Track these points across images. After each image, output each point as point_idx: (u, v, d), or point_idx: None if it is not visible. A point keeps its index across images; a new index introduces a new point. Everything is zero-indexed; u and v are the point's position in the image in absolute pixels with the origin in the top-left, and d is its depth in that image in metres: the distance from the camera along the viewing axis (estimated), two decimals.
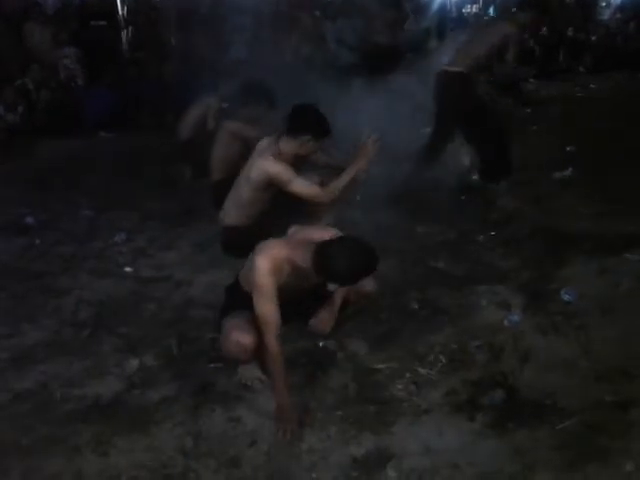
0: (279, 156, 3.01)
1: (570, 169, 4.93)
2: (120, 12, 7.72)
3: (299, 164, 3.14)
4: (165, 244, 3.98)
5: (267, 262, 2.28)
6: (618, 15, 10.31)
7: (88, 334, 2.98)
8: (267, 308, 2.27)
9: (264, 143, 3.15)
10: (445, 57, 4.60)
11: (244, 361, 2.48)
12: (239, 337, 2.37)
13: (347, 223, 4.04)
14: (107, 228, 4.23)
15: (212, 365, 2.69)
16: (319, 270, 2.24)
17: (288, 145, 2.95)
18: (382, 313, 3.07)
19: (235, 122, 4.04)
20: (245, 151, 3.88)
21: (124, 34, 7.63)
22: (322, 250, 2.23)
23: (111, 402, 2.50)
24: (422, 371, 2.61)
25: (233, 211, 3.33)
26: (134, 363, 2.73)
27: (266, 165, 3.01)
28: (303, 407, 2.40)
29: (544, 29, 9.25)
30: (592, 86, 8.07)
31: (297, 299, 2.50)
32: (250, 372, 2.55)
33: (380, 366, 2.65)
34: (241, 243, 2.87)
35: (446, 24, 8.67)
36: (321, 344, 2.80)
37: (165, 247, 3.94)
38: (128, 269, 3.66)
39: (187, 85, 5.27)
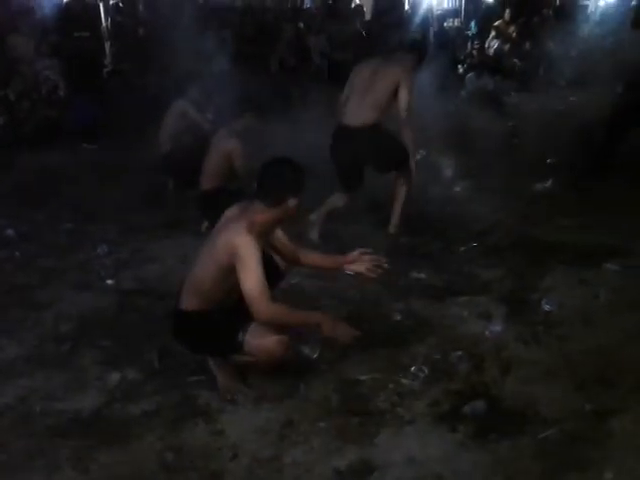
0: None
1: (551, 181, 5.00)
2: (104, 24, 7.73)
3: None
4: (148, 256, 3.96)
5: (248, 235, 2.29)
6: (597, 30, 10.53)
7: (69, 348, 2.95)
8: (261, 277, 2.26)
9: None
10: None
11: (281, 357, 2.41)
12: (276, 338, 2.37)
13: (329, 235, 4.10)
14: (89, 240, 4.20)
15: (194, 378, 2.67)
16: (264, 194, 2.34)
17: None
18: (364, 324, 3.07)
19: (237, 142, 4.01)
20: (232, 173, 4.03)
21: (107, 46, 7.63)
22: (260, 177, 2.37)
23: (92, 416, 2.47)
24: (405, 382, 2.61)
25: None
26: (115, 376, 2.71)
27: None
28: (285, 420, 2.39)
29: (526, 44, 9.43)
30: (572, 99, 8.21)
31: None
32: (232, 385, 2.55)
33: (363, 377, 2.65)
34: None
35: (428, 38, 8.78)
36: (305, 352, 2.80)
37: (148, 259, 3.92)
38: (110, 282, 3.63)
39: (170, 97, 5.27)
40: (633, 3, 10.56)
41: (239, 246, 2.27)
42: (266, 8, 8.79)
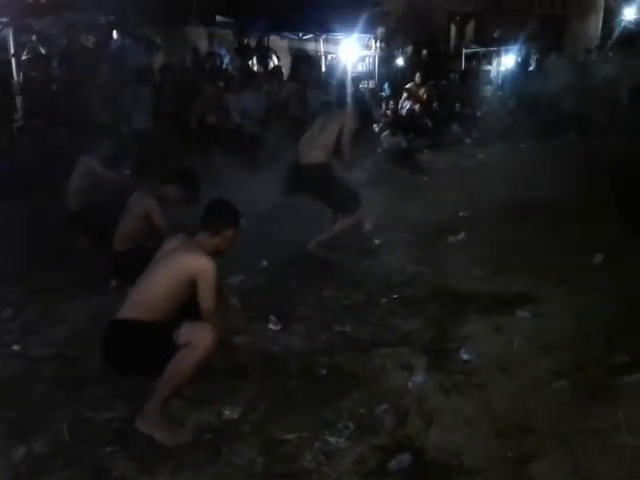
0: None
1: (463, 233, 5.23)
2: (15, 78, 7.50)
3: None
4: (57, 319, 3.74)
5: (208, 259, 2.64)
6: (499, 92, 11.38)
7: None
8: (215, 296, 2.63)
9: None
10: None
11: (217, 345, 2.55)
12: (210, 324, 2.57)
13: (253, 289, 4.06)
14: None
15: (109, 448, 2.51)
16: (207, 226, 2.74)
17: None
18: (289, 380, 3.03)
19: (154, 202, 3.98)
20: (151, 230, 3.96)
21: (19, 101, 7.38)
22: (204, 212, 2.79)
23: None
24: (331, 439, 2.57)
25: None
26: (21, 451, 2.50)
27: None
28: None
29: (435, 105, 10.01)
30: (480, 156, 8.73)
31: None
32: (180, 435, 2.59)
33: (288, 436, 2.59)
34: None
35: (345, 98, 9.12)
36: (226, 413, 2.70)
37: (57, 322, 3.70)
38: (16, 347, 3.39)
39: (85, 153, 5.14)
40: (531, 68, 11.60)
41: (204, 267, 2.64)
42: (185, 67, 8.87)
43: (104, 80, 7.59)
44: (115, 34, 9.03)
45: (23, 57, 8.12)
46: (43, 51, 8.33)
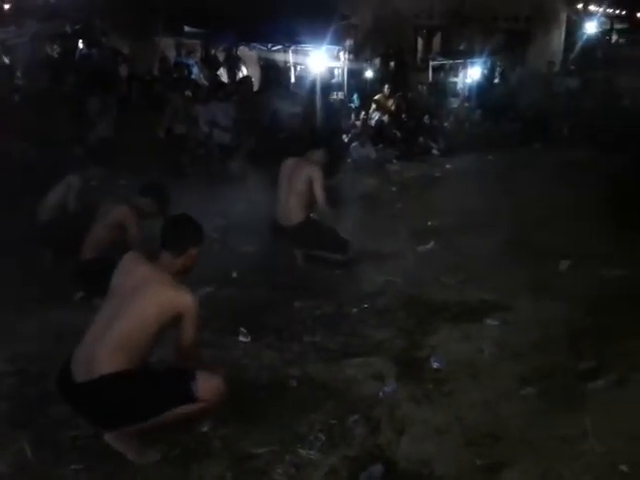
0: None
1: (432, 242, 5.28)
2: None
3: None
4: (20, 334, 3.63)
5: (191, 294, 2.49)
6: (466, 104, 11.58)
7: None
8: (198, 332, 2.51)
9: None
10: None
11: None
12: (221, 379, 2.48)
13: (223, 300, 4.02)
14: None
15: (73, 467, 2.43)
16: (170, 246, 2.58)
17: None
18: (260, 392, 2.99)
19: (130, 212, 3.92)
20: (121, 240, 3.87)
21: None
22: (165, 232, 2.63)
23: None
24: (302, 452, 2.55)
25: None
26: None
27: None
28: None
29: (403, 116, 10.12)
30: (447, 166, 8.85)
31: None
32: (150, 452, 2.52)
33: (259, 450, 2.55)
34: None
35: (315, 110, 9.16)
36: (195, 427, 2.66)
37: (20, 337, 3.59)
38: None
39: (48, 166, 5.04)
40: (496, 81, 11.84)
41: (190, 304, 2.49)
42: (153, 76, 8.80)
43: (69, 89, 7.48)
44: (81, 43, 8.92)
45: None
46: (7, 61, 8.18)
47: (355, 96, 10.81)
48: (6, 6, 9.41)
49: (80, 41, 9.05)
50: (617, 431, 2.58)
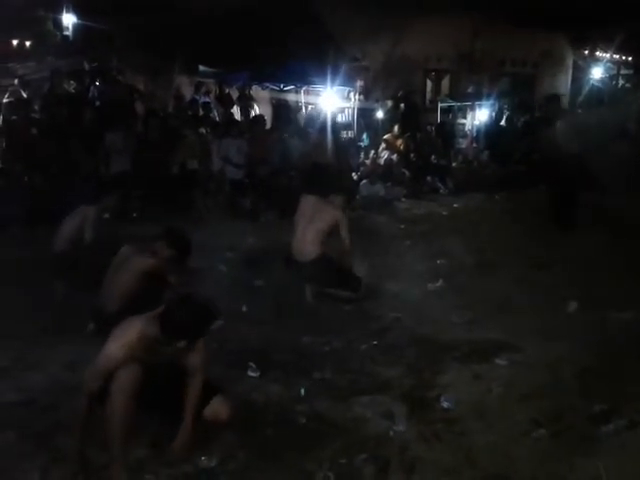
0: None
1: (441, 280, 5.29)
2: None
3: None
4: (31, 364, 3.64)
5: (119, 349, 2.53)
6: (474, 145, 11.72)
7: None
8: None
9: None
10: None
11: None
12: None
13: (232, 335, 4.02)
14: None
15: None
16: (165, 328, 2.50)
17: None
18: (268, 429, 2.97)
19: (150, 260, 3.76)
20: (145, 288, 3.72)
21: None
22: (165, 312, 2.55)
23: None
24: None
25: None
26: None
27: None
28: None
29: (412, 155, 10.26)
30: (455, 205, 8.91)
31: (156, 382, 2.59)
32: None
33: None
34: None
35: (326, 148, 9.29)
36: (203, 461, 2.64)
37: (31, 367, 3.60)
38: None
39: (63, 196, 5.12)
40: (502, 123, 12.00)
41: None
42: (168, 113, 9.00)
43: (85, 125, 7.66)
44: (97, 81, 9.16)
45: (4, 100, 8.17)
46: (25, 95, 8.39)
47: (365, 135, 10.99)
48: (27, 42, 9.73)
49: (97, 78, 9.29)
50: (630, 476, 2.54)
